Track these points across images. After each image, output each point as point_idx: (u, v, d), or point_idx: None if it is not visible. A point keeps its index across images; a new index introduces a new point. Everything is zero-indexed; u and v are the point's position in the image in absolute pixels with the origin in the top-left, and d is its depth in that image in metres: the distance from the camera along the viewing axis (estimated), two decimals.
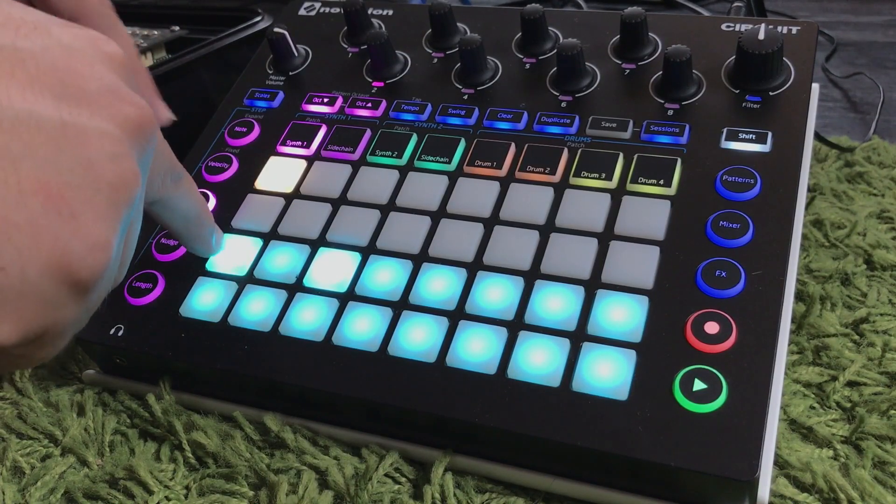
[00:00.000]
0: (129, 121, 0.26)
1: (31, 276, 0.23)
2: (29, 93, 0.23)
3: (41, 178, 0.23)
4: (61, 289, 0.24)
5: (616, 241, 0.37)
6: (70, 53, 0.25)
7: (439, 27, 0.49)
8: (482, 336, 0.35)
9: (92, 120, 0.25)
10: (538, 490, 0.34)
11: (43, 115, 0.23)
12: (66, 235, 0.23)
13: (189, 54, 0.57)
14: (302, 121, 0.47)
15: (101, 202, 0.24)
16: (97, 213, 0.24)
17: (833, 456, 0.35)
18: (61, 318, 0.25)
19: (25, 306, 0.23)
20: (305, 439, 0.37)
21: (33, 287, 0.23)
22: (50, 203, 0.23)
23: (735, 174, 0.38)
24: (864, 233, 0.48)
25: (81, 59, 0.25)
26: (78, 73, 0.25)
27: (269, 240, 0.41)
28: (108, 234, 0.25)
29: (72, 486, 0.36)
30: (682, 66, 0.41)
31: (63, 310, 0.24)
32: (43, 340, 0.25)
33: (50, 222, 0.23)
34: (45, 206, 0.23)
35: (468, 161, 0.42)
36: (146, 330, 0.39)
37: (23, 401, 0.40)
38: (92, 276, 0.24)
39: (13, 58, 0.23)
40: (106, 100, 0.25)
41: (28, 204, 0.22)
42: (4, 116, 0.22)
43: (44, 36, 0.25)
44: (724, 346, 0.33)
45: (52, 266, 0.23)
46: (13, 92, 0.23)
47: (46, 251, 0.23)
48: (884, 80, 0.71)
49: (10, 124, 0.22)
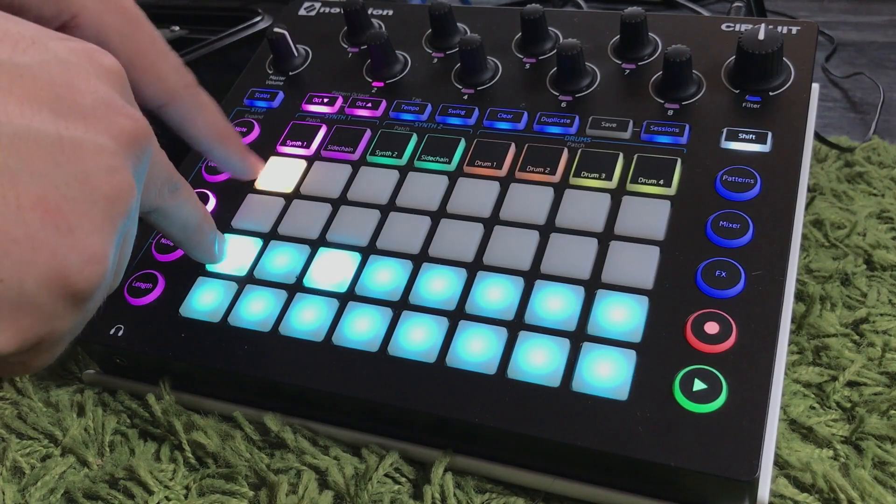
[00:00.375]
0: (124, 133, 0.26)
1: (28, 289, 0.23)
2: (27, 108, 0.24)
3: (39, 193, 0.23)
4: (58, 300, 0.24)
5: (616, 241, 0.37)
6: (67, 67, 0.26)
7: (439, 27, 0.49)
8: (482, 336, 0.35)
9: (88, 134, 0.25)
10: (538, 490, 0.34)
11: (40, 131, 0.24)
12: (63, 249, 0.24)
13: (189, 54, 0.57)
14: (302, 121, 0.47)
15: (98, 215, 0.25)
16: (93, 225, 0.25)
17: (833, 456, 0.35)
18: (58, 327, 0.25)
19: (23, 317, 0.24)
20: (305, 439, 0.37)
21: (31, 299, 0.23)
22: (48, 217, 0.23)
23: (735, 174, 0.38)
24: (864, 233, 0.48)
25: (77, 72, 0.26)
26: (74, 87, 0.25)
27: (269, 240, 0.41)
28: (105, 246, 0.25)
29: (72, 486, 0.36)
30: (682, 66, 0.41)
31: (60, 320, 0.25)
32: (39, 348, 0.25)
33: (48, 236, 0.23)
34: (42, 220, 0.23)
35: (468, 161, 0.42)
36: (146, 330, 0.39)
37: (23, 401, 0.40)
38: (88, 288, 0.25)
39: (12, 73, 0.24)
40: (101, 113, 0.26)
41: (26, 219, 0.23)
42: (3, 133, 0.23)
43: (41, 50, 0.25)
44: (724, 346, 0.33)
45: (50, 279, 0.24)
46: (11, 108, 0.23)
47: (44, 264, 0.23)
48: (884, 80, 0.71)
49: (9, 140, 0.23)
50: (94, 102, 0.26)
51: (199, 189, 0.44)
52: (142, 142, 0.27)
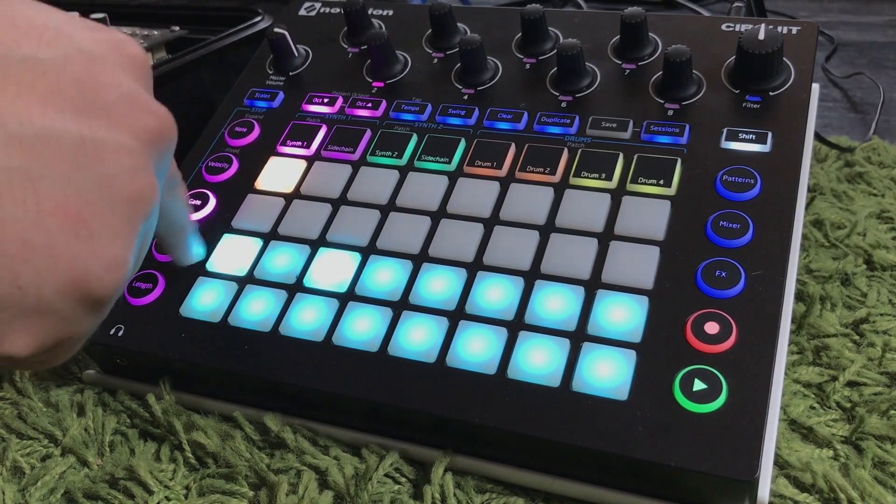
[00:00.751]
0: (147, 131, 0.26)
1: (47, 295, 0.23)
2: (49, 108, 0.23)
3: (59, 198, 0.23)
4: (77, 306, 0.24)
5: (616, 241, 0.37)
6: (91, 61, 0.25)
7: (439, 27, 0.49)
8: (482, 336, 0.35)
9: (111, 133, 0.25)
10: (538, 490, 0.34)
11: (62, 132, 0.23)
12: (83, 256, 0.23)
13: (189, 54, 0.57)
14: (302, 121, 0.47)
15: (118, 220, 0.25)
16: (114, 231, 0.24)
17: (833, 456, 0.35)
18: (76, 331, 0.25)
19: (41, 322, 0.23)
20: (305, 439, 0.37)
21: (50, 305, 0.23)
22: (68, 224, 0.23)
23: (735, 174, 0.38)
24: (864, 233, 0.48)
25: (103, 66, 0.25)
26: (98, 82, 0.25)
27: (269, 240, 0.41)
28: (125, 251, 0.25)
29: (72, 486, 0.36)
30: (682, 66, 0.41)
31: (78, 324, 0.25)
32: (56, 350, 0.25)
33: (68, 243, 0.23)
34: (63, 226, 0.23)
35: (468, 161, 0.42)
36: (146, 330, 0.39)
37: (23, 401, 0.40)
38: (107, 295, 0.25)
39: (35, 70, 0.23)
40: (125, 109, 0.25)
41: (46, 225, 0.22)
42: (25, 135, 0.22)
43: (65, 43, 0.25)
44: (724, 346, 0.33)
45: (69, 286, 0.23)
46: (34, 108, 0.23)
47: (64, 271, 0.23)
48: (884, 80, 0.71)
49: (31, 143, 0.22)
50: (119, 98, 0.25)
51: (199, 189, 0.44)
52: (166, 138, 0.27)
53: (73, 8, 0.62)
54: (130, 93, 0.26)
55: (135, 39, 0.61)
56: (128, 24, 0.66)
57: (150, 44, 0.62)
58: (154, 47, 0.62)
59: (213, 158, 0.46)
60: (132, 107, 0.26)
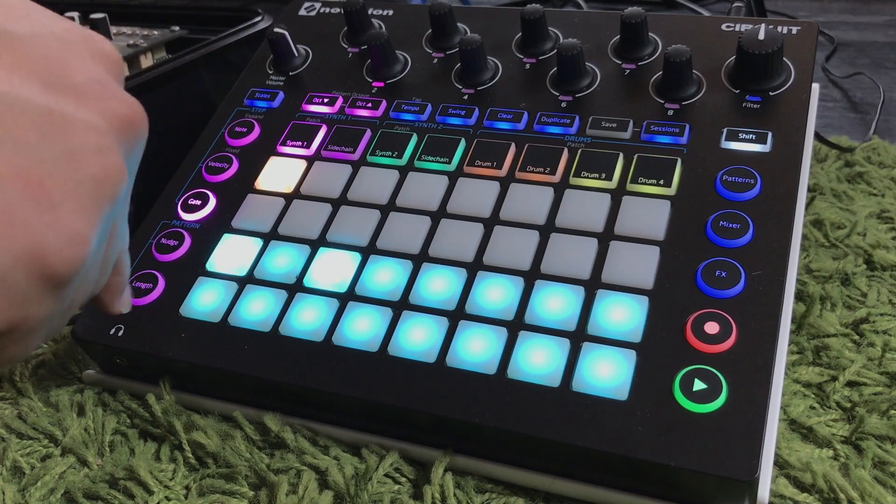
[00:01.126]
0: (117, 116, 0.25)
1: (2, 266, 0.21)
2: (15, 76, 0.22)
3: (21, 164, 0.22)
4: (34, 282, 0.22)
5: (616, 241, 0.37)
6: (61, 44, 0.24)
7: (439, 27, 0.49)
8: (482, 336, 0.35)
9: (79, 111, 0.24)
10: (538, 490, 0.34)
11: (28, 100, 0.22)
12: (42, 226, 0.22)
13: (189, 54, 0.56)
14: (302, 121, 0.47)
15: (83, 195, 0.23)
16: (77, 205, 0.23)
17: (833, 456, 0.35)
18: (33, 313, 0.23)
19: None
20: (305, 439, 0.37)
21: (4, 278, 0.22)
22: (28, 191, 0.22)
23: (735, 174, 0.38)
24: (864, 233, 0.48)
25: (73, 51, 0.25)
26: (67, 63, 0.24)
27: (269, 240, 0.41)
28: (88, 228, 0.23)
29: (72, 486, 0.36)
30: (682, 66, 0.41)
31: (34, 305, 0.23)
32: (12, 337, 0.24)
33: (26, 211, 0.22)
34: (23, 193, 0.22)
35: (468, 161, 0.42)
36: (146, 330, 0.39)
37: (23, 401, 0.40)
38: (67, 271, 0.23)
39: (3, 39, 0.23)
40: (95, 92, 0.25)
41: (5, 189, 0.21)
42: None
43: (35, 24, 0.24)
44: (724, 346, 0.33)
45: (26, 257, 0.22)
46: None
47: (20, 241, 0.22)
48: (884, 80, 0.71)
49: None
50: (88, 81, 0.24)
51: (199, 189, 0.44)
52: (136, 127, 0.26)
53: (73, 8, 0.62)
54: (101, 79, 0.25)
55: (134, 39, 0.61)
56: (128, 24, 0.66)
57: (150, 44, 0.62)
58: (154, 47, 0.62)
59: (214, 158, 0.46)
60: (102, 91, 0.25)
